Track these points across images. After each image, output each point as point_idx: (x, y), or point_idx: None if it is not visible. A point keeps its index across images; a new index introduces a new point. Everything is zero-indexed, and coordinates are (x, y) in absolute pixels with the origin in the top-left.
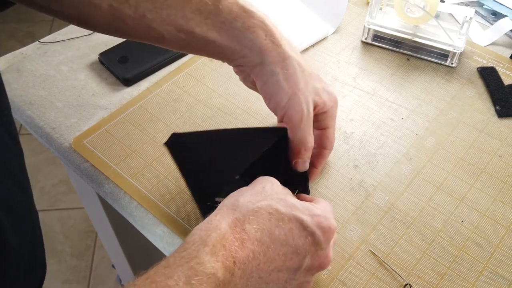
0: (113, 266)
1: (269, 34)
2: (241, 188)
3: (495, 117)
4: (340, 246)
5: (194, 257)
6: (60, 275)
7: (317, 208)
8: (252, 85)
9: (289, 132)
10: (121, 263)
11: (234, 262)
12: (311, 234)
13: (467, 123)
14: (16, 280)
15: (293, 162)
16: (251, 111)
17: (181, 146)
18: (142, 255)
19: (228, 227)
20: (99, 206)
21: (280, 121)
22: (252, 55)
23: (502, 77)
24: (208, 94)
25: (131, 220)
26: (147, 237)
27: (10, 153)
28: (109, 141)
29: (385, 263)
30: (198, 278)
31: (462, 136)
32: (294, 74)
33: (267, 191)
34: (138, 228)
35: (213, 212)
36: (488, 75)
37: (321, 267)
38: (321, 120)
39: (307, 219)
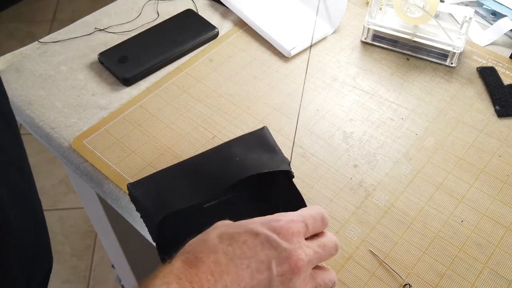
0: (113, 266)
1: None
2: (191, 241)
3: (495, 117)
4: (340, 246)
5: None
6: (60, 275)
7: (269, 216)
8: None
9: None
10: (121, 263)
11: (193, 286)
12: (266, 238)
13: (466, 123)
14: (20, 262)
15: None
16: (250, 110)
17: (142, 190)
18: (142, 255)
19: (180, 262)
20: (99, 206)
21: None
22: None
23: (502, 77)
24: (208, 94)
25: (131, 220)
26: (146, 237)
27: (6, 137)
28: (109, 141)
29: (384, 263)
30: None
31: (462, 136)
32: None
33: (217, 224)
34: (138, 228)
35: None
36: (488, 75)
37: (293, 270)
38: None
39: (256, 226)
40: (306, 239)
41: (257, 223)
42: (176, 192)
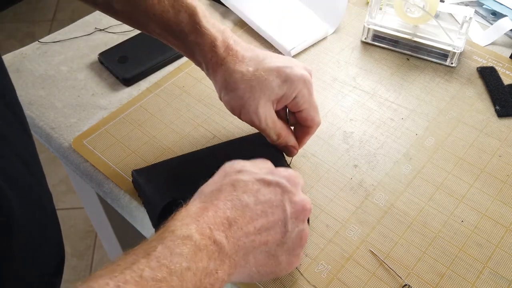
0: None
1: (214, 54)
2: (204, 185)
3: (495, 117)
4: (340, 246)
5: (165, 230)
6: None
7: (275, 168)
8: None
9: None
10: None
11: (210, 228)
12: (277, 184)
13: (466, 123)
14: (27, 254)
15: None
16: None
17: (145, 176)
18: None
19: (197, 207)
20: (99, 206)
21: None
22: (205, 69)
23: (502, 77)
24: (208, 94)
25: (131, 220)
26: (147, 237)
27: (13, 130)
28: (109, 141)
29: (384, 263)
30: (173, 242)
31: (462, 136)
32: (236, 90)
33: (227, 171)
34: (138, 228)
35: None
36: (488, 75)
37: (304, 209)
38: (292, 106)
39: (268, 176)
40: None
41: (267, 173)
42: (178, 181)
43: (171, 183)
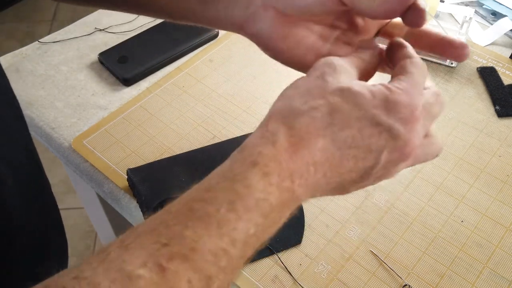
0: None
1: None
2: (296, 81)
3: (495, 117)
4: (340, 246)
5: (241, 179)
6: None
7: (395, 92)
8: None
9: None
10: None
11: (292, 180)
12: (387, 129)
13: (466, 123)
14: (29, 244)
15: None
16: (250, 110)
17: (140, 176)
18: None
19: (284, 139)
20: (99, 206)
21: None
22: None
23: (502, 77)
24: (208, 94)
25: (131, 220)
26: None
27: (10, 119)
28: (109, 141)
29: (384, 263)
30: (244, 204)
31: (462, 136)
32: None
33: (328, 81)
34: None
35: (263, 122)
36: (488, 75)
37: (402, 158)
38: None
39: (379, 113)
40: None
41: (379, 107)
42: (172, 181)
43: (165, 182)
